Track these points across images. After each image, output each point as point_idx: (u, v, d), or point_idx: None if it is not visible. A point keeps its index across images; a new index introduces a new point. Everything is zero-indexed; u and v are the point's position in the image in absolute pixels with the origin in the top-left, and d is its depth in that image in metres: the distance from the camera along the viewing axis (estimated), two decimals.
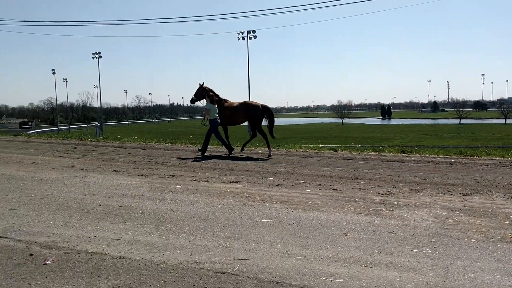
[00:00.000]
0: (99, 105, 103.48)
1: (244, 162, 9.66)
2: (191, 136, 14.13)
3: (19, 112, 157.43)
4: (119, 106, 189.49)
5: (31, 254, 3.80)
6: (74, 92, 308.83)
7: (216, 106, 11.39)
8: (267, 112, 11.54)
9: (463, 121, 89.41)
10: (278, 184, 7.10)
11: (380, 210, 5.44)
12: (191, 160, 10.18)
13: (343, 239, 4.32)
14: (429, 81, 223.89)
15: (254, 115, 11.31)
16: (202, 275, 3.43)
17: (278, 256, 3.87)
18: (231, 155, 11.05)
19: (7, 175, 7.79)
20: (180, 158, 10.47)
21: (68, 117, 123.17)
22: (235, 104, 11.67)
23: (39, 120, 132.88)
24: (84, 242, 4.19)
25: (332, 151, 11.57)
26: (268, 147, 11.24)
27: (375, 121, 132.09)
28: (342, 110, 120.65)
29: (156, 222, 4.89)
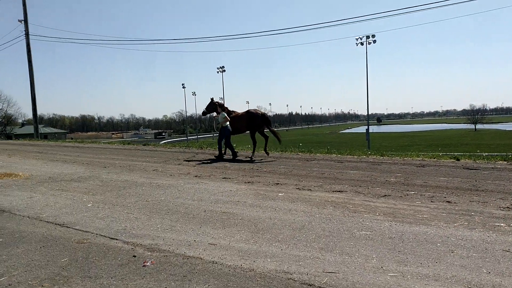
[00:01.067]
0: None
1: (351, 172, 9.34)
2: (300, 144, 14.23)
3: (154, 124, 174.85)
4: None
5: (134, 256, 4.12)
6: (202, 104, 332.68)
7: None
8: (265, 121, 12.86)
9: None
10: (385, 195, 6.71)
11: (498, 225, 4.81)
12: (297, 168, 10.17)
13: (448, 257, 3.90)
14: None
15: (254, 124, 12.77)
16: (288, 285, 3.37)
17: (372, 271, 3.63)
18: (236, 158, 12.65)
19: (129, 181, 8.63)
20: (285, 167, 10.53)
21: (196, 127, 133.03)
22: (239, 114, 13.22)
23: (171, 130, 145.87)
24: (183, 246, 4.42)
25: (453, 160, 10.59)
26: (253, 152, 13.07)
27: None
28: (475, 115, 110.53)
29: (253, 229, 4.96)
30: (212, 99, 13.55)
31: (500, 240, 4.32)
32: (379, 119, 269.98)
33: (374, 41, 54.52)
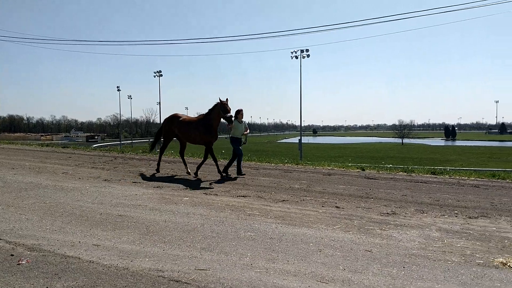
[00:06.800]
0: (160, 121, 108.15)
1: (262, 178, 9.66)
2: (223, 151, 14.68)
3: (87, 127, 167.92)
4: None
5: (12, 255, 4.09)
6: (139, 108, 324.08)
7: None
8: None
9: None
10: (284, 200, 7.07)
11: (371, 229, 5.28)
12: (212, 174, 10.32)
13: (314, 255, 4.26)
14: (497, 101, 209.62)
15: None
16: (156, 282, 3.53)
17: (240, 268, 3.88)
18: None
19: (34, 183, 8.37)
20: (202, 172, 10.63)
21: (131, 132, 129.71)
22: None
23: (105, 134, 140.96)
24: (66, 246, 4.43)
25: (359, 170, 11.30)
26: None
27: (438, 142, 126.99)
28: (403, 129, 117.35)
29: (143, 231, 5.05)
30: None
31: (367, 241, 4.76)
32: (315, 130, 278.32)
33: (308, 55, 56.14)
